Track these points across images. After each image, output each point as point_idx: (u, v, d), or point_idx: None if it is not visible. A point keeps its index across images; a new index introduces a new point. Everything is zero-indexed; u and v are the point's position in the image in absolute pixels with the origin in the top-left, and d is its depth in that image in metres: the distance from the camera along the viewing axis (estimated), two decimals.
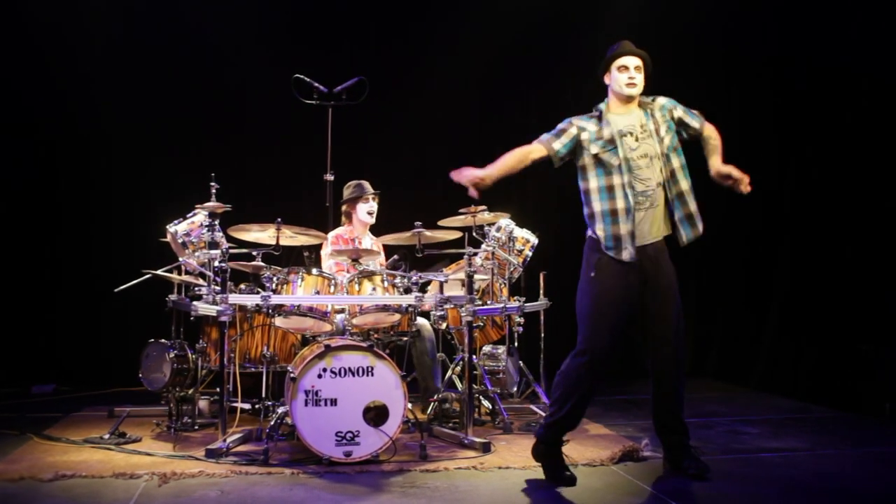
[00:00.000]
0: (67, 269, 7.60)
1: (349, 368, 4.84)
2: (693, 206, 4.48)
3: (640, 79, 4.47)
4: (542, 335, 6.35)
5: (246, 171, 7.07)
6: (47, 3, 7.48)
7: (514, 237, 5.83)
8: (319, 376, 4.81)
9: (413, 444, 5.12)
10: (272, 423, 5.05)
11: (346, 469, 4.71)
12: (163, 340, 5.76)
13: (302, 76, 6.35)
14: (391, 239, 5.70)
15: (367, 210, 6.18)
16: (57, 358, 7.48)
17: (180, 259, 5.72)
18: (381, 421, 4.85)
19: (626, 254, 4.37)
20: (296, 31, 7.85)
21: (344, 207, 6.26)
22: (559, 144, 4.49)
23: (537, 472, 4.59)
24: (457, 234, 5.69)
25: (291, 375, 4.78)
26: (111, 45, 7.63)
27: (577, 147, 4.49)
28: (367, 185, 6.19)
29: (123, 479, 4.49)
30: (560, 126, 4.54)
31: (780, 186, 7.81)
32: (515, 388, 6.15)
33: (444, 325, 5.73)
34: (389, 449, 4.88)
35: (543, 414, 5.92)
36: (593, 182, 4.45)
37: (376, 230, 6.33)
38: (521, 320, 6.02)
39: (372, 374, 4.86)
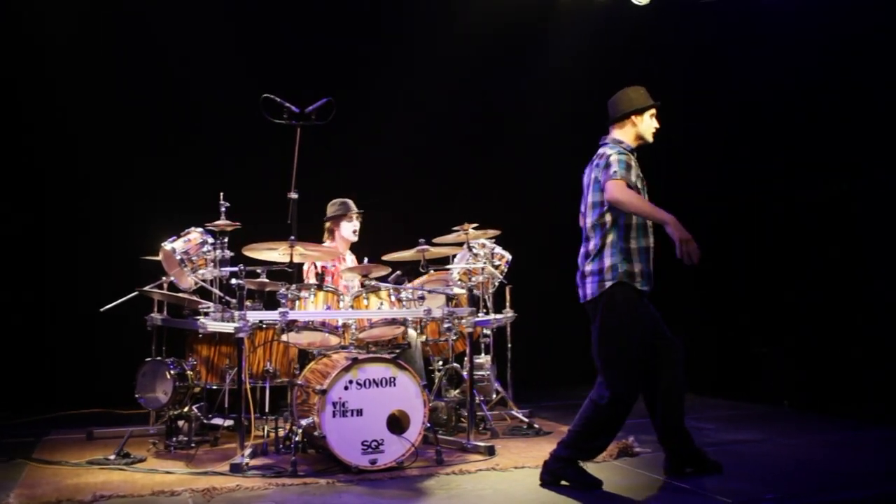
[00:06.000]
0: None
1: (373, 380, 5.05)
2: None
3: None
4: (510, 345, 6.72)
5: (212, 187, 7.06)
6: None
7: (494, 253, 6.22)
8: (346, 388, 4.99)
9: (422, 451, 5.35)
10: (296, 436, 5.15)
11: (376, 476, 4.91)
12: (159, 358, 5.73)
13: (271, 96, 6.38)
14: (395, 256, 5.92)
15: (351, 229, 6.37)
16: None
17: (171, 276, 5.74)
18: (402, 429, 5.08)
19: (649, 287, 4.67)
20: (262, 51, 7.94)
21: (328, 224, 6.41)
22: (633, 177, 4.62)
23: None
24: (457, 250, 5.99)
25: (320, 388, 4.93)
26: (91, 64, 7.56)
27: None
28: (352, 203, 6.37)
29: (165, 496, 4.53)
30: (621, 159, 4.58)
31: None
32: (494, 395, 6.49)
33: (454, 338, 5.99)
34: (410, 455, 5.11)
35: (523, 418, 6.33)
36: (634, 219, 4.63)
37: None
38: (489, 331, 6.45)
39: (394, 385, 5.09)
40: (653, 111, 4.82)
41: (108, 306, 5.88)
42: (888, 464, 5.20)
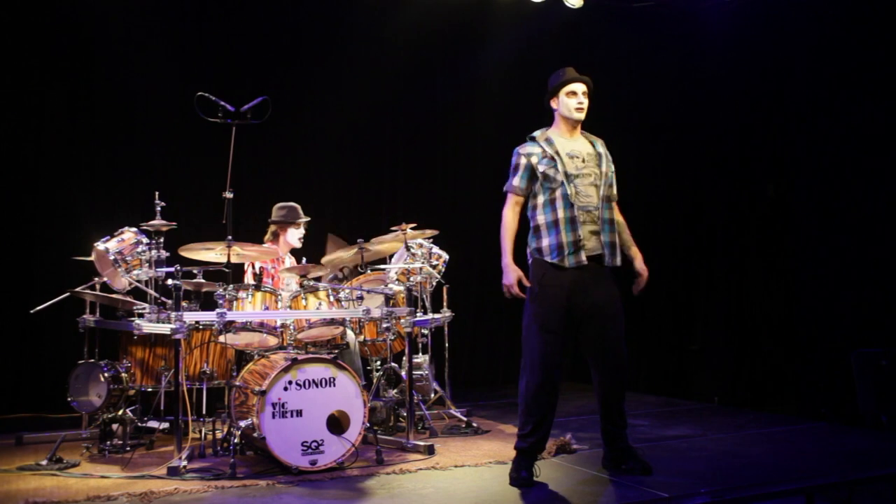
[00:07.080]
0: None
1: (313, 380, 5.02)
2: (616, 237, 4.82)
3: (586, 104, 4.79)
4: (447, 344, 6.75)
5: (147, 187, 6.94)
6: None
7: (432, 253, 6.26)
8: (286, 389, 4.96)
9: (362, 451, 5.33)
10: (234, 438, 5.10)
11: (316, 476, 4.89)
12: (92, 361, 5.62)
13: (206, 94, 6.29)
14: (333, 256, 5.90)
15: (297, 236, 6.34)
16: None
17: (104, 277, 5.64)
18: (342, 429, 5.07)
19: (569, 260, 4.62)
20: (197, 49, 7.84)
21: (273, 227, 6.37)
22: (520, 181, 4.72)
23: (492, 470, 5.04)
24: (396, 251, 6.00)
25: (260, 389, 4.89)
26: (18, 63, 7.37)
27: (532, 174, 4.72)
28: (299, 209, 6.32)
29: (101, 501, 4.44)
30: (514, 162, 4.76)
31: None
32: (432, 395, 6.52)
33: (392, 338, 5.99)
34: (350, 456, 5.10)
35: (461, 417, 6.38)
36: (540, 198, 4.70)
37: None
38: (427, 331, 6.49)
39: (334, 385, 5.08)
40: (566, 88, 4.77)
41: (38, 308, 5.74)
42: (816, 457, 5.37)
